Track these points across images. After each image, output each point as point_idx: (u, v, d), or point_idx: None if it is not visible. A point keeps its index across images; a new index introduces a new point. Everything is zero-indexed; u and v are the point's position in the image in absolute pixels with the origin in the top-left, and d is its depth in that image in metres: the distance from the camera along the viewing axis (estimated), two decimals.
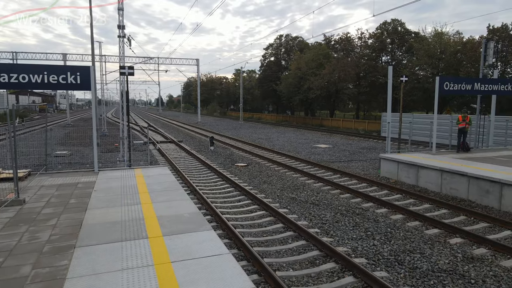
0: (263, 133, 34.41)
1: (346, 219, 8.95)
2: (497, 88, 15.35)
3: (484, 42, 17.61)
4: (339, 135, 32.14)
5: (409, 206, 10.00)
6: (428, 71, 36.17)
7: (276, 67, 60.61)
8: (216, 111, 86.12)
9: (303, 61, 46.62)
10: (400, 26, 44.10)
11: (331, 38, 52.26)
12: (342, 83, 41.74)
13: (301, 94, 46.45)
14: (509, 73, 31.92)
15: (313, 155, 19.96)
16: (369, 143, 25.64)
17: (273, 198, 10.97)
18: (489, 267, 6.34)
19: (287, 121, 55.40)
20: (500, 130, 18.16)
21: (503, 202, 9.58)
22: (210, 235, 5.74)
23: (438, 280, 5.88)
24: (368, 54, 45.87)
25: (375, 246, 7.27)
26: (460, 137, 15.11)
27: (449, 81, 14.40)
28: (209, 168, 15.65)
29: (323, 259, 6.69)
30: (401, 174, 13.13)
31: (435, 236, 7.81)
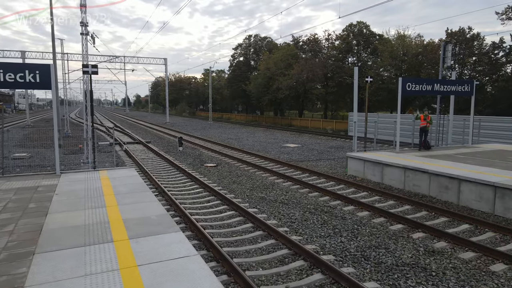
0: (233, 133, 34.35)
1: (315, 217, 9.08)
2: (455, 89, 16.12)
3: (443, 45, 18.43)
4: (308, 135, 32.62)
5: (375, 203, 10.30)
6: (392, 72, 37.47)
7: (245, 67, 60.68)
8: (185, 111, 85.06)
9: (272, 61, 46.97)
10: (365, 28, 45.36)
11: (299, 39, 52.99)
12: (310, 83, 42.40)
13: (270, 94, 46.77)
14: (466, 75, 33.62)
15: (283, 154, 20.14)
16: (337, 142, 26.20)
17: (243, 198, 10.96)
18: (448, 259, 6.64)
19: (256, 121, 55.59)
20: (458, 129, 19.08)
21: (461, 197, 10.06)
22: (179, 237, 5.65)
23: (402, 273, 6.09)
24: (335, 55, 46.85)
25: (343, 243, 7.43)
26: (421, 136, 15.73)
27: (411, 82, 14.97)
28: (178, 169, 15.43)
29: (292, 257, 6.76)
30: (367, 172, 13.50)
31: (399, 232, 8.09)
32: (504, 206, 9.01)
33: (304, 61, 44.00)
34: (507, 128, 21.29)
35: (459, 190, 10.12)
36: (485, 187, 9.43)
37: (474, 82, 17.09)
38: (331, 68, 44.15)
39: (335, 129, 36.93)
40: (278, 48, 52.58)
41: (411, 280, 5.87)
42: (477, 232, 8.08)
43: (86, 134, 16.75)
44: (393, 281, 5.83)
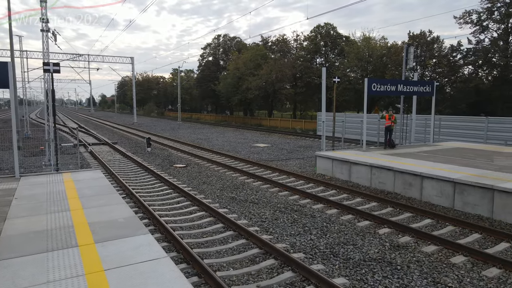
0: (202, 133, 34.05)
1: (285, 216, 9.17)
2: (417, 90, 16.79)
3: (405, 47, 19.13)
4: (277, 134, 32.89)
5: (343, 201, 10.54)
6: (358, 73, 38.50)
7: (215, 67, 60.36)
8: (153, 112, 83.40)
9: (241, 62, 46.99)
10: (333, 30, 46.33)
11: (268, 39, 53.33)
12: (279, 83, 42.77)
13: (239, 94, 46.76)
14: (427, 76, 35.09)
15: (252, 154, 20.19)
16: (306, 142, 26.58)
17: (213, 199, 10.89)
18: (412, 253, 6.91)
19: (226, 121, 55.42)
20: (420, 128, 19.88)
21: (423, 193, 10.49)
22: (147, 239, 5.53)
23: (369, 268, 6.27)
24: (303, 56, 47.53)
25: (312, 240, 7.55)
26: (386, 135, 16.26)
27: (376, 83, 15.45)
28: (146, 170, 15.11)
29: (263, 256, 6.79)
30: (335, 170, 13.79)
31: (366, 228, 8.32)
32: (462, 201, 9.48)
33: (273, 61, 44.35)
34: (465, 127, 22.42)
35: (421, 187, 10.55)
36: (445, 183, 9.88)
37: (434, 83, 17.87)
38: (299, 69, 44.74)
39: (304, 129, 37.46)
40: (247, 48, 52.70)
41: (378, 274, 6.05)
42: (438, 226, 8.45)
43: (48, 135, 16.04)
44: (361, 276, 5.99)
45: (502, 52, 33.58)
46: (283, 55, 49.28)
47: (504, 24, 34.22)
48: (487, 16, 34.48)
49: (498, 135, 20.55)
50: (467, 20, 35.54)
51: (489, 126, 21.23)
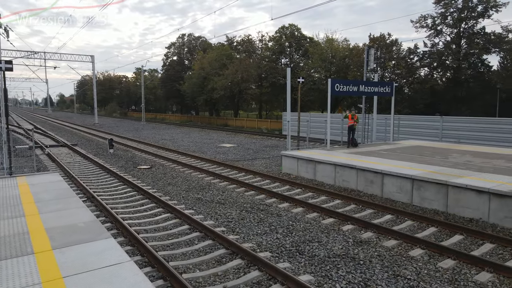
0: (167, 134, 33.46)
1: (251, 215, 9.20)
2: (377, 90, 17.40)
3: (366, 49, 19.79)
4: (244, 134, 32.93)
5: (308, 199, 10.72)
6: (322, 74, 39.33)
7: (179, 66, 59.51)
8: (116, 112, 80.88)
9: (207, 61, 46.65)
10: (297, 31, 47.04)
11: (233, 39, 53.29)
12: (245, 83, 42.85)
13: (205, 94, 46.39)
14: (386, 77, 36.46)
15: (219, 154, 20.09)
16: (271, 142, 26.80)
17: (179, 200, 10.73)
18: (374, 248, 7.15)
19: (191, 121, 54.79)
20: (381, 127, 20.64)
21: (384, 190, 10.89)
22: (110, 244, 5.36)
23: (333, 264, 6.42)
24: (268, 56, 47.91)
25: (278, 239, 7.62)
26: (349, 134, 16.72)
27: (339, 83, 15.86)
28: (109, 172, 14.63)
29: (229, 256, 6.77)
30: (300, 169, 14.01)
31: (330, 225, 8.51)
32: (420, 196, 9.94)
33: (239, 61, 44.37)
34: (422, 126, 23.52)
35: (382, 184, 10.94)
36: (404, 180, 10.31)
37: (393, 84, 18.60)
38: (265, 69, 45.05)
39: (270, 129, 37.76)
40: (213, 48, 52.41)
41: (342, 270, 6.21)
42: (398, 221, 8.80)
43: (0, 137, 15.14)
44: (326, 272, 6.12)
45: (455, 55, 35.54)
46: (248, 55, 49.42)
47: (456, 28, 36.24)
48: (441, 21, 36.39)
49: (452, 134, 21.74)
50: (422, 24, 37.34)
51: (444, 125, 22.40)
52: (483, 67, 36.36)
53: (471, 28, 35.46)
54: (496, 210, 8.37)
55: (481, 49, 34.66)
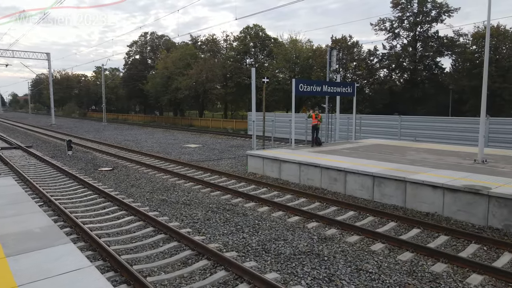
0: (130, 135, 32.56)
1: (217, 216, 9.16)
2: (340, 90, 17.86)
3: (329, 50, 20.28)
4: (209, 135, 32.71)
5: (274, 198, 10.83)
6: (286, 74, 39.84)
7: (142, 65, 58.12)
8: (75, 112, 77.63)
9: (170, 61, 45.88)
10: (261, 31, 47.35)
11: (197, 38, 52.76)
12: (209, 83, 42.57)
13: (169, 94, 45.62)
14: (348, 78, 37.55)
15: (184, 155, 19.82)
16: (237, 141, 26.80)
17: (142, 202, 10.48)
18: (338, 244, 7.35)
19: (155, 121, 53.68)
20: (344, 126, 21.22)
21: (347, 187, 11.21)
22: (69, 249, 5.13)
23: (299, 261, 6.53)
24: (233, 56, 47.88)
25: (245, 238, 7.64)
26: (313, 133, 17.05)
27: (303, 83, 16.13)
28: (67, 175, 14.02)
29: (195, 257, 6.71)
30: (266, 169, 14.11)
31: (296, 223, 8.65)
32: (380, 193, 10.32)
33: (203, 61, 44.01)
34: (382, 125, 24.45)
35: (345, 181, 11.26)
36: (366, 177, 10.67)
37: (355, 85, 19.18)
38: (230, 69, 44.98)
39: (235, 129, 37.76)
40: (176, 47, 51.64)
41: (307, 266, 6.33)
42: (360, 217, 9.09)
43: None
44: (291, 270, 6.21)
45: (411, 58, 37.23)
46: (213, 55, 49.14)
47: (412, 32, 37.97)
48: (398, 24, 38.00)
49: (409, 132, 22.76)
50: (381, 27, 38.81)
51: (402, 124, 23.41)
52: (437, 69, 38.38)
53: (426, 32, 37.31)
54: (450, 204, 8.86)
55: (435, 52, 36.55)
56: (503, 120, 20.62)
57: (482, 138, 12.22)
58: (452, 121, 22.29)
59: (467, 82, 31.44)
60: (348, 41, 38.49)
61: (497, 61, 29.72)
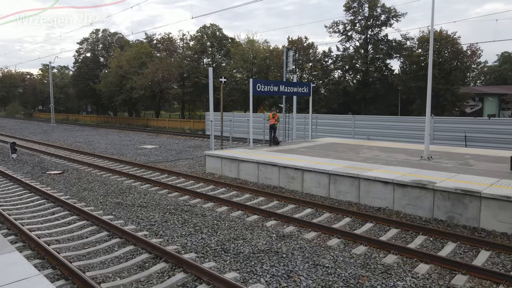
0: (82, 136, 31.10)
1: (175, 217, 9.00)
2: (296, 90, 18.23)
3: (285, 51, 20.60)
4: (166, 135, 32.03)
5: (233, 198, 10.83)
6: (244, 74, 39.95)
7: (94, 64, 55.66)
8: (19, 113, 72.76)
9: (124, 59, 44.32)
10: (218, 31, 47.12)
11: (153, 37, 51.48)
12: (166, 83, 41.66)
13: (123, 94, 44.08)
14: (304, 78, 38.37)
15: (139, 156, 19.27)
16: (195, 142, 26.49)
17: (96, 206, 10.05)
18: (296, 241, 7.50)
19: (109, 122, 51.72)
20: (300, 126, 21.67)
21: (304, 185, 11.47)
22: (14, 258, 4.81)
23: (258, 260, 6.59)
24: (190, 56, 47.24)
25: (204, 239, 7.58)
26: (271, 133, 17.25)
27: (261, 83, 16.28)
28: (11, 180, 13.12)
29: (153, 261, 6.55)
30: (224, 168, 14.07)
31: (254, 222, 8.71)
32: (336, 190, 10.67)
33: (159, 60, 42.99)
34: (337, 124, 25.27)
35: (302, 179, 11.51)
36: (322, 175, 10.97)
37: (311, 85, 19.65)
38: (187, 68, 44.34)
39: (193, 129, 37.30)
40: (131, 45, 50.03)
41: (266, 264, 6.40)
42: (317, 214, 9.34)
43: None
44: (251, 268, 6.25)
45: (363, 59, 38.79)
46: (169, 54, 48.16)
47: (363, 35, 39.58)
48: (350, 27, 39.42)
49: (362, 131, 23.71)
50: (335, 29, 40.08)
51: (356, 123, 24.34)
52: (387, 71, 40.31)
53: (376, 35, 39.05)
54: (399, 199, 9.35)
55: (385, 54, 38.36)
56: (446, 119, 22.13)
57: (428, 136, 13.01)
58: (401, 120, 23.54)
59: (414, 83, 33.28)
60: (304, 42, 39.33)
61: (440, 64, 31.73)
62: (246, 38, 41.58)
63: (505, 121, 21.84)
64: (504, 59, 67.07)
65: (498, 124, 19.36)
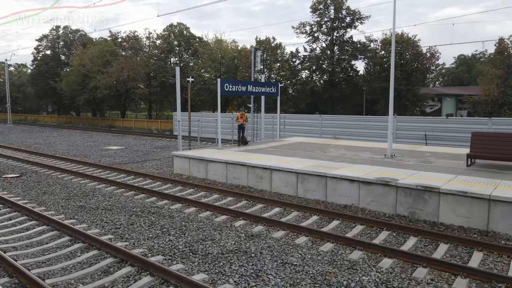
0: (42, 137, 29.72)
1: (142, 219, 8.79)
2: (264, 90, 18.33)
3: (253, 51, 20.69)
4: (132, 136, 31.25)
5: (201, 199, 10.72)
6: (212, 74, 39.69)
7: (54, 62, 53.43)
8: None
9: (87, 57, 42.81)
10: (186, 30, 46.55)
11: (117, 34, 50.09)
12: (132, 82, 40.65)
13: (87, 93, 42.59)
14: (272, 78, 38.67)
15: (104, 157, 18.67)
16: (162, 142, 26.01)
17: (57, 210, 9.64)
18: (264, 240, 7.53)
19: (71, 122, 49.80)
20: (269, 125, 21.82)
21: (273, 184, 11.55)
22: None
23: (227, 260, 6.56)
24: (157, 55, 46.37)
25: (171, 241, 7.45)
26: (239, 133, 17.23)
27: (229, 83, 16.23)
28: None
29: (118, 265, 6.36)
30: (192, 169, 13.91)
31: (223, 222, 8.66)
32: (304, 188, 10.81)
33: (125, 59, 41.88)
34: (305, 124, 25.66)
35: (271, 179, 11.58)
36: (290, 174, 11.09)
37: (279, 85, 19.83)
38: (153, 68, 43.49)
39: (161, 129, 36.64)
40: (94, 43, 48.40)
41: (235, 264, 6.38)
42: (285, 213, 9.43)
43: None
44: (219, 269, 6.21)
45: (330, 60, 39.62)
46: (135, 52, 47.02)
47: (330, 36, 40.43)
48: (317, 29, 40.15)
49: (329, 130, 24.21)
50: (302, 30, 40.68)
51: (323, 123, 24.82)
52: (352, 72, 41.40)
53: (342, 37, 40.01)
54: (364, 196, 9.62)
55: (350, 56, 39.37)
56: (408, 119, 23.03)
57: (391, 135, 13.48)
58: (366, 119, 24.25)
59: (377, 84, 34.39)
60: (272, 43, 39.65)
61: (402, 65, 32.99)
62: (214, 38, 41.37)
63: (461, 120, 23.07)
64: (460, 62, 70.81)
65: (455, 123, 20.38)
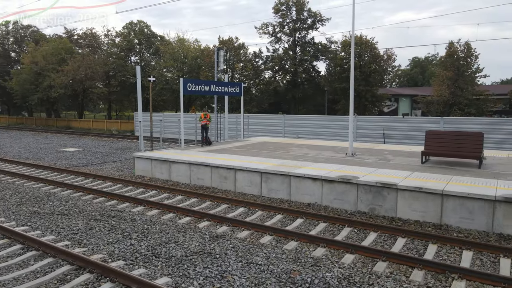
0: None
1: (101, 224, 8.46)
2: (228, 90, 18.25)
3: (216, 51, 20.53)
4: (90, 137, 30.04)
5: (164, 200, 10.49)
6: (174, 73, 39.02)
7: (3, 59, 50.23)
8: None
9: (40, 55, 40.59)
10: (146, 28, 45.42)
11: (73, 31, 47.95)
12: (90, 81, 39.02)
13: (40, 93, 40.38)
14: (236, 78, 38.66)
15: (60, 160, 17.80)
16: (123, 143, 25.22)
17: (7, 216, 9.05)
18: (229, 241, 7.49)
19: (24, 123, 47.07)
20: (232, 125, 21.78)
21: (237, 184, 11.52)
22: None
23: (191, 262, 6.45)
24: (116, 53, 44.92)
25: (133, 245, 7.22)
26: (203, 133, 17.05)
27: (191, 83, 16.00)
28: None
29: (75, 272, 6.07)
30: (155, 170, 13.59)
31: (187, 224, 8.52)
32: (267, 188, 10.88)
33: (81, 57, 40.13)
34: (268, 124, 25.84)
35: (235, 179, 11.55)
36: (254, 174, 11.11)
37: (242, 85, 19.82)
38: (112, 66, 42.05)
39: (121, 130, 35.50)
40: (48, 40, 46.00)
41: (199, 266, 6.29)
42: (250, 213, 9.43)
43: None
44: (183, 272, 6.10)
45: (292, 61, 40.21)
46: (93, 50, 45.23)
47: (292, 37, 41.03)
48: (280, 29, 40.62)
49: (292, 130, 24.54)
50: (265, 31, 40.99)
51: (286, 123, 25.11)
52: (314, 72, 42.27)
53: (303, 38, 40.74)
54: (327, 194, 9.83)
55: (312, 57, 40.18)
56: (367, 118, 23.83)
57: (351, 134, 13.88)
58: (327, 119, 24.82)
59: (338, 85, 35.32)
60: (235, 43, 39.60)
61: (361, 66, 34.10)
62: (176, 37, 40.70)
63: (416, 119, 24.21)
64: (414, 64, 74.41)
65: (411, 122, 21.35)
